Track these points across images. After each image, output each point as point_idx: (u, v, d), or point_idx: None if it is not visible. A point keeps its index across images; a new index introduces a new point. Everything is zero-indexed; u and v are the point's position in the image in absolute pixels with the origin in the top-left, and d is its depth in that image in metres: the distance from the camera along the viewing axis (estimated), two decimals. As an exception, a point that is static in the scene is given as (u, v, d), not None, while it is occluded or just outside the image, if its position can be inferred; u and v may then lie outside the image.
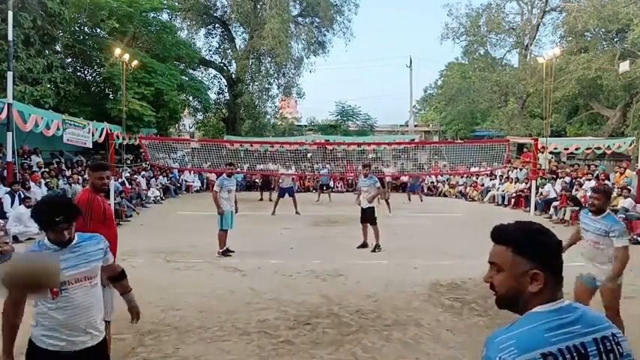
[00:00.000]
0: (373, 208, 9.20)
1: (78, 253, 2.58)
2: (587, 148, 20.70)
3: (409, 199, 18.64)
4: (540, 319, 1.38)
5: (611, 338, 1.40)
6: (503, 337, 1.34)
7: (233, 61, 30.88)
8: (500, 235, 1.47)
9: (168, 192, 19.30)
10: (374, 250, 9.00)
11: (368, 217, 9.21)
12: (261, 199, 18.18)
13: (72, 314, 2.49)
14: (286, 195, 14.67)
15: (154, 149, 17.18)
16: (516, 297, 1.44)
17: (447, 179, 22.05)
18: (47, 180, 13.17)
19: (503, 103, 34.32)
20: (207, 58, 31.05)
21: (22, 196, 10.79)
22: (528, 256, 1.42)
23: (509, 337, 1.33)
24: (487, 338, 1.38)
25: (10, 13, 11.70)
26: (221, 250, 8.57)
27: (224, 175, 8.99)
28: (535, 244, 1.44)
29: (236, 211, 8.91)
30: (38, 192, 11.79)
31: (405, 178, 22.71)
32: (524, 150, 22.37)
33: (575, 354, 1.33)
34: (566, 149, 21.67)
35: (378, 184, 9.61)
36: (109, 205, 4.35)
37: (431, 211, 16.01)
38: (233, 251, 8.65)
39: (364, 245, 9.27)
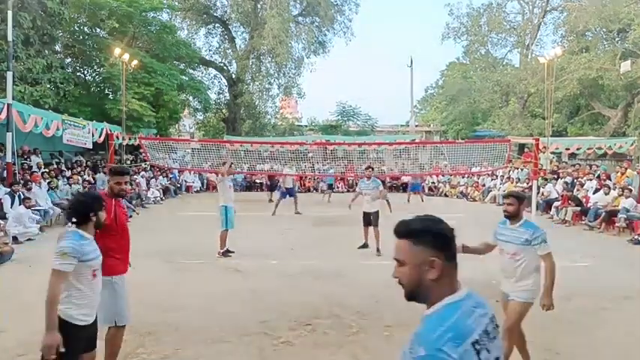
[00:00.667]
0: (378, 212, 8.99)
1: (96, 247, 3.10)
2: (588, 148, 20.67)
3: (408, 201, 18.60)
4: (459, 307, 1.47)
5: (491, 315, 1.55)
6: (438, 332, 1.38)
7: (233, 61, 30.88)
8: (400, 229, 1.55)
9: (168, 192, 19.28)
10: (379, 253, 8.76)
11: (372, 221, 8.98)
12: (271, 200, 17.76)
13: (96, 293, 3.08)
14: (287, 195, 14.64)
15: (154, 149, 17.14)
16: (419, 287, 1.53)
17: (448, 179, 22.01)
18: (49, 180, 13.17)
19: (504, 103, 34.30)
20: (207, 58, 31.04)
21: (23, 196, 10.76)
22: (425, 245, 1.50)
23: (445, 331, 1.38)
24: (414, 339, 1.43)
25: (10, 13, 11.67)
26: (222, 251, 8.54)
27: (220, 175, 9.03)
28: (430, 233, 1.52)
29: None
30: (39, 192, 11.77)
31: (405, 179, 22.69)
32: (526, 150, 22.33)
33: (485, 336, 1.44)
34: (567, 149, 21.64)
35: (381, 187, 9.51)
36: (125, 211, 4.19)
37: (432, 211, 15.95)
38: (233, 252, 8.62)
39: (365, 246, 9.15)
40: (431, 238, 1.52)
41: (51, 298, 2.88)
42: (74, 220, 3.08)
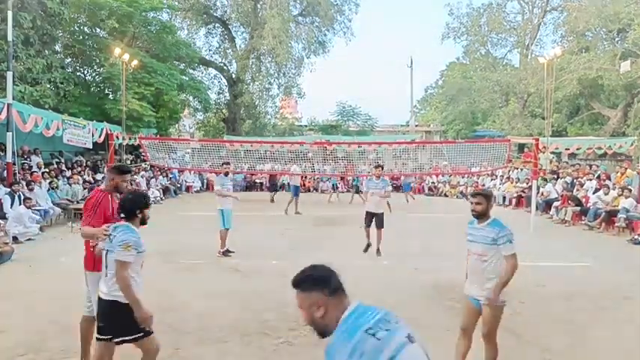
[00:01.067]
0: (383, 213, 8.82)
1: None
2: (588, 148, 20.68)
3: (407, 201, 18.69)
4: (349, 318, 1.82)
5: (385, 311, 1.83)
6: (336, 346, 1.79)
7: (233, 60, 30.89)
8: (292, 282, 1.93)
9: (168, 192, 19.29)
10: (379, 254, 8.61)
11: (378, 222, 8.71)
12: (273, 200, 17.72)
13: (142, 282, 3.41)
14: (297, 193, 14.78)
15: (154, 149, 17.15)
16: (316, 325, 1.91)
17: (448, 179, 22.04)
18: (50, 180, 13.18)
19: (504, 103, 34.32)
20: (207, 57, 31.05)
21: (23, 197, 10.78)
22: (309, 291, 1.87)
23: (342, 344, 1.75)
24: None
25: (10, 13, 11.67)
26: (222, 250, 8.56)
27: (221, 174, 9.04)
28: (309, 280, 1.90)
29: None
30: (39, 192, 11.78)
31: (404, 179, 22.78)
32: (525, 150, 22.35)
33: (381, 323, 1.75)
34: (567, 149, 21.65)
35: (390, 187, 9.33)
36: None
37: (431, 211, 15.99)
38: (233, 251, 8.63)
39: (368, 246, 8.78)
40: (310, 284, 1.88)
41: (125, 285, 3.20)
42: (123, 215, 3.42)
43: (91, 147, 16.58)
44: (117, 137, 16.03)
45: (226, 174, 8.96)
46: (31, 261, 8.16)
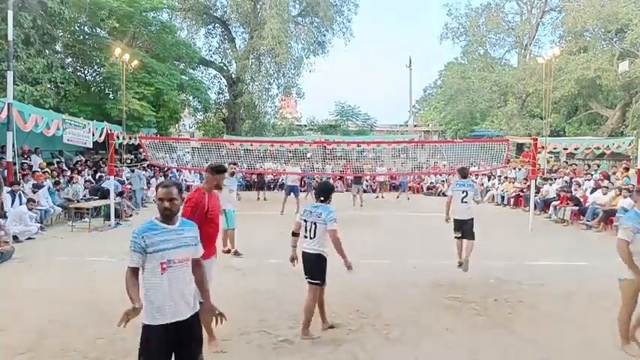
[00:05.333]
0: (473, 219, 7.48)
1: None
2: (586, 148, 20.74)
3: (408, 198, 18.88)
4: None
5: None
6: None
7: (233, 61, 30.89)
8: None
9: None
10: (460, 267, 7.39)
11: (468, 229, 7.39)
12: (259, 199, 18.23)
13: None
14: (291, 194, 14.60)
15: (154, 149, 17.17)
16: None
17: (446, 179, 22.08)
18: (54, 180, 13.22)
19: (502, 103, 34.37)
20: (207, 58, 31.06)
21: (25, 197, 10.81)
22: None
23: None
24: None
25: (10, 13, 11.70)
26: (232, 250, 8.61)
27: (226, 174, 9.04)
28: None
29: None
30: (40, 192, 11.80)
31: (401, 178, 22.88)
32: (525, 150, 22.40)
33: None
34: (565, 149, 21.71)
35: (478, 191, 8.27)
36: (218, 203, 4.73)
37: (430, 210, 16.02)
38: (241, 254, 8.61)
39: (461, 264, 7.38)
40: None
41: (339, 243, 4.75)
42: (322, 198, 4.81)
43: (92, 147, 16.59)
44: (117, 137, 16.05)
45: (232, 174, 8.93)
46: (31, 260, 8.20)
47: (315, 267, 4.74)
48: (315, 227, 4.70)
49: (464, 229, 7.43)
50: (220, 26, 31.42)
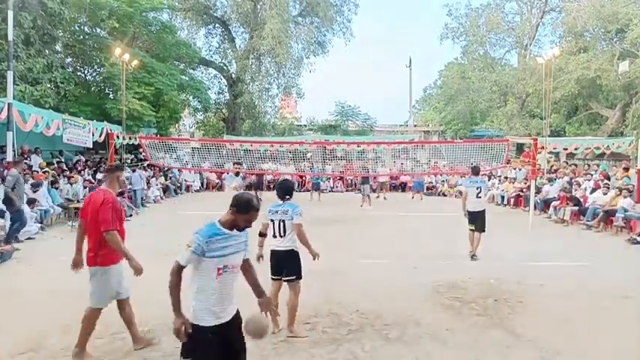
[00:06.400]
0: (485, 210, 8.68)
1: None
2: (586, 148, 20.73)
3: (412, 197, 18.89)
4: None
5: None
6: None
7: (233, 61, 30.90)
8: None
9: (168, 191, 19.33)
10: (473, 258, 8.45)
11: (481, 221, 8.49)
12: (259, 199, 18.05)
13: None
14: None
15: (154, 149, 17.19)
16: None
17: (446, 179, 22.11)
18: (53, 179, 13.21)
19: (502, 103, 34.37)
20: (207, 58, 31.06)
21: (27, 197, 10.81)
22: None
23: None
24: None
25: (10, 13, 11.70)
26: None
27: (231, 173, 9.07)
28: None
29: None
30: (40, 192, 11.79)
31: (404, 178, 22.83)
32: (526, 150, 22.40)
33: None
34: (565, 149, 21.69)
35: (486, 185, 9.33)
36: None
37: (430, 210, 16.03)
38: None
39: (473, 255, 8.53)
40: None
41: (305, 237, 4.97)
42: (287, 196, 5.04)
43: (91, 146, 16.59)
44: (117, 137, 16.05)
45: (237, 174, 8.98)
46: (31, 260, 8.20)
47: (290, 263, 4.90)
48: (284, 224, 4.87)
49: (477, 221, 8.48)
50: (220, 26, 31.43)
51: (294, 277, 4.92)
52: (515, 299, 6.14)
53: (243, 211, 2.96)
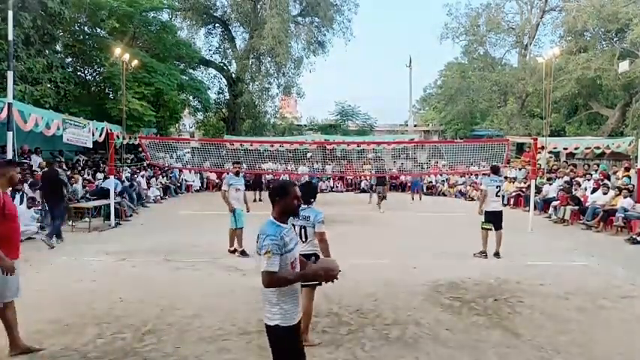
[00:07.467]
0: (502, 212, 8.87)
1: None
2: (586, 148, 20.73)
3: (412, 199, 18.79)
4: None
5: None
6: None
7: (233, 60, 30.91)
8: None
9: (168, 191, 19.33)
10: (497, 255, 8.51)
11: (500, 220, 8.69)
12: (259, 200, 17.75)
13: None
14: None
15: (154, 149, 17.19)
16: None
17: (446, 179, 22.09)
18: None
19: (502, 103, 34.35)
20: (207, 57, 31.06)
21: (27, 196, 10.80)
22: None
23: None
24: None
25: (10, 13, 11.67)
26: (231, 249, 8.58)
27: (231, 173, 9.01)
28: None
29: (247, 211, 8.82)
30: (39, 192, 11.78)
31: (404, 178, 22.79)
32: (526, 150, 22.40)
33: None
34: (565, 149, 21.69)
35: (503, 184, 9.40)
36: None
37: (430, 210, 16.03)
38: (248, 254, 8.37)
39: (485, 253, 8.63)
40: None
41: (327, 244, 4.79)
42: (311, 199, 4.93)
43: (91, 146, 16.59)
44: (117, 137, 16.06)
45: (237, 173, 8.89)
46: (30, 260, 8.18)
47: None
48: (305, 231, 4.71)
49: (495, 220, 8.60)
50: (220, 26, 31.42)
51: (316, 282, 4.75)
52: (515, 299, 6.14)
53: (284, 194, 2.90)
